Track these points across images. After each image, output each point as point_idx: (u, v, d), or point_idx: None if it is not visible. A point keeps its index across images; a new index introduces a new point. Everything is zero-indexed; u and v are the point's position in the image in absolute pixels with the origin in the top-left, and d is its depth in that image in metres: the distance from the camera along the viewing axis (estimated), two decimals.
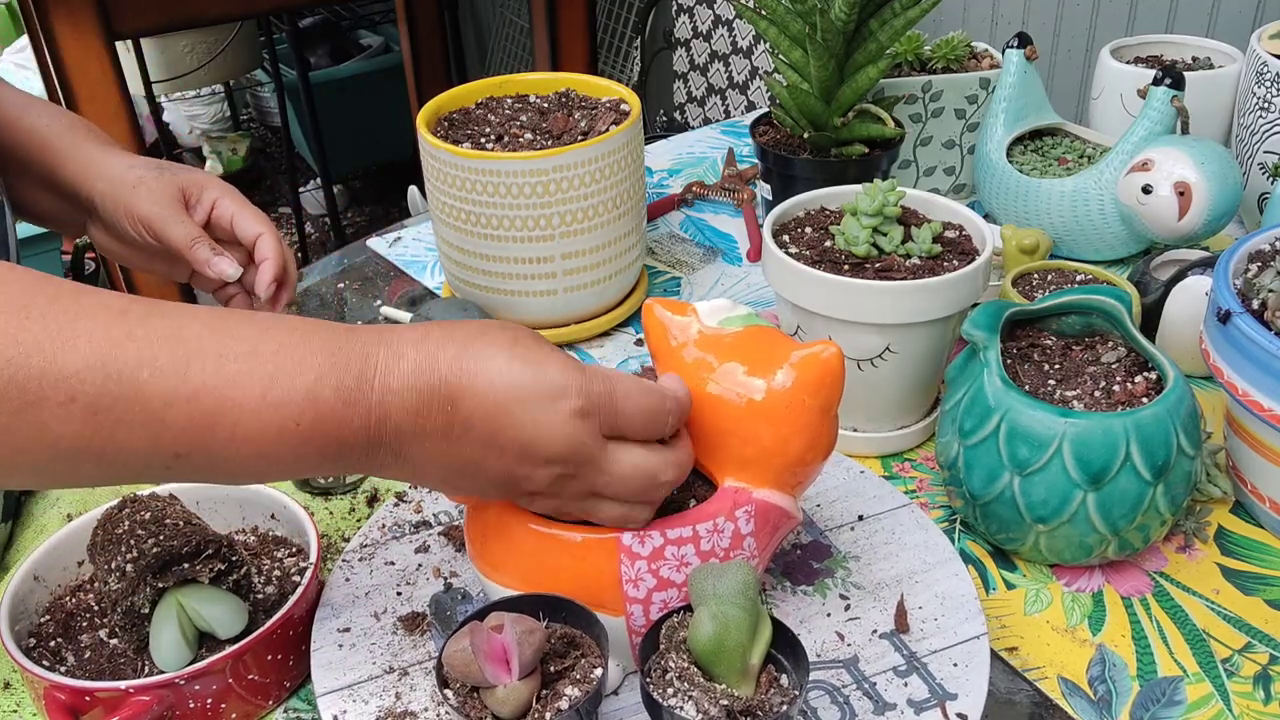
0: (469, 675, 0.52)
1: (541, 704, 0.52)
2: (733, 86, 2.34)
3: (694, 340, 0.60)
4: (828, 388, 0.57)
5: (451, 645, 0.52)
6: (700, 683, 0.51)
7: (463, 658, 0.51)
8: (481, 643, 0.51)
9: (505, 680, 0.52)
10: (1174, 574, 0.70)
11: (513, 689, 0.52)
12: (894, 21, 0.93)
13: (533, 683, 0.52)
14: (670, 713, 0.50)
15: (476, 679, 0.52)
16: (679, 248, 1.11)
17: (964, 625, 0.64)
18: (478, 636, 0.51)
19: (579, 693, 0.52)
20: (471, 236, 0.89)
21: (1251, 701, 0.62)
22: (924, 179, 1.12)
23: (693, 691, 0.51)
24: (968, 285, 0.74)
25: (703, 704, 0.50)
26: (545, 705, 0.52)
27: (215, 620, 0.61)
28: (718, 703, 0.50)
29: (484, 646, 0.51)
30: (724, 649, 0.51)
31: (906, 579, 0.67)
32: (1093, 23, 1.56)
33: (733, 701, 0.50)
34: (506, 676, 0.52)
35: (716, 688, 0.51)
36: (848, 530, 0.71)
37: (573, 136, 0.90)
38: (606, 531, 0.57)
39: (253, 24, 2.97)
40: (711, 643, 0.51)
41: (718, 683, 0.51)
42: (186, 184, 0.78)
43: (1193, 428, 0.66)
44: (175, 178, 0.78)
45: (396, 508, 0.74)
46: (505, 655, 0.52)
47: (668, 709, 0.51)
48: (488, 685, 0.52)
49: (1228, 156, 0.91)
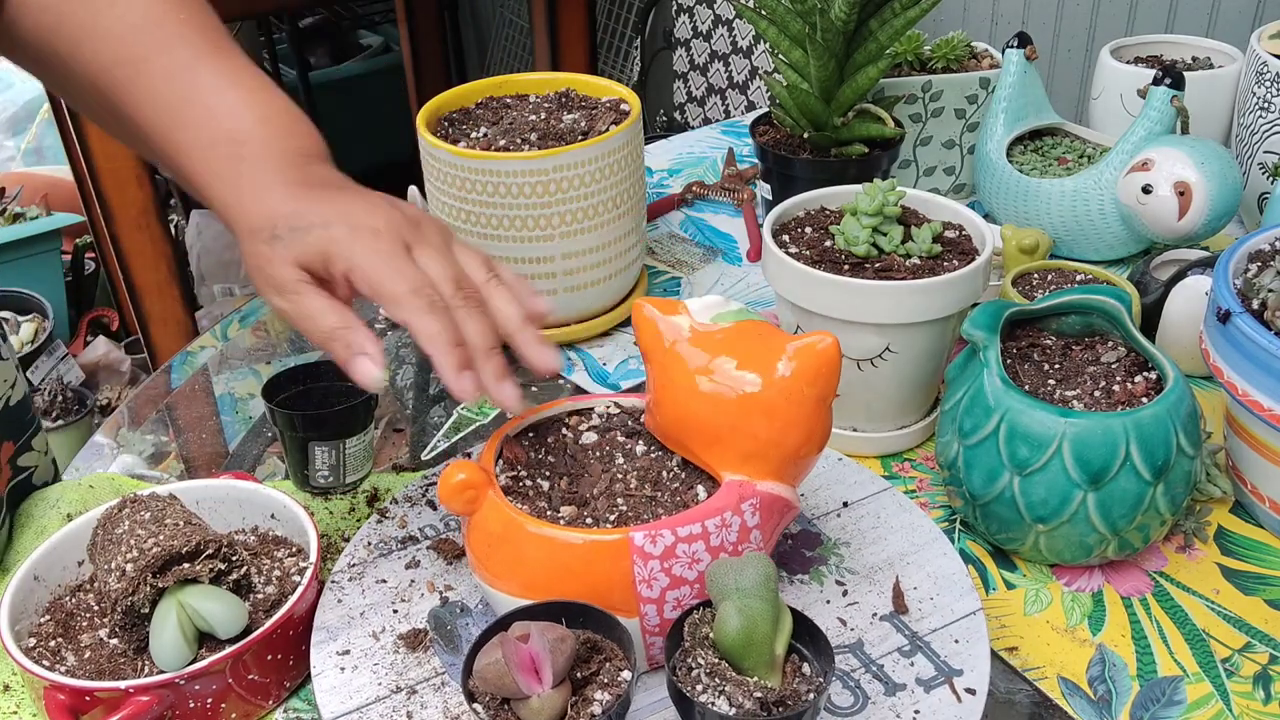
0: (501, 688, 0.51)
1: (575, 711, 0.52)
2: (733, 86, 2.34)
3: (686, 337, 0.61)
4: (825, 377, 0.58)
5: (481, 658, 0.52)
6: (732, 677, 0.51)
7: (495, 670, 0.51)
8: (512, 653, 0.51)
9: (538, 690, 0.51)
10: (1174, 574, 0.70)
11: (546, 698, 0.51)
12: (894, 21, 0.93)
13: (565, 690, 0.52)
14: (703, 709, 0.50)
15: (509, 691, 0.51)
16: (679, 248, 1.11)
17: (959, 602, 0.65)
18: (508, 648, 0.51)
19: (609, 697, 0.52)
20: (471, 236, 0.89)
21: (1251, 701, 0.62)
22: (924, 179, 1.12)
23: (725, 686, 0.51)
24: (968, 285, 0.74)
25: (736, 698, 0.51)
26: (579, 712, 0.52)
27: (215, 620, 0.61)
28: (751, 695, 0.51)
29: (515, 657, 0.51)
30: (753, 642, 0.52)
31: (898, 561, 0.68)
32: (1093, 23, 1.56)
33: (765, 693, 0.51)
34: (539, 686, 0.51)
35: (748, 681, 0.51)
36: (834, 517, 0.72)
37: (573, 136, 0.90)
38: (616, 533, 0.57)
39: (253, 24, 2.97)
40: (740, 636, 0.51)
41: (747, 676, 0.52)
42: (309, 257, 0.58)
43: (1192, 428, 0.66)
44: (290, 252, 0.58)
45: (380, 524, 0.72)
46: (535, 665, 0.51)
47: (700, 705, 0.51)
48: (521, 696, 0.52)
49: (1228, 156, 0.91)
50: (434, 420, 0.88)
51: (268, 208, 0.59)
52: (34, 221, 2.07)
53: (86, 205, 1.87)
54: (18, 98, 2.71)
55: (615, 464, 0.63)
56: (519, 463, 0.64)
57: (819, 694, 0.52)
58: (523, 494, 0.62)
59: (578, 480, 0.63)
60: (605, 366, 0.93)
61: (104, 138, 1.60)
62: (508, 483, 0.62)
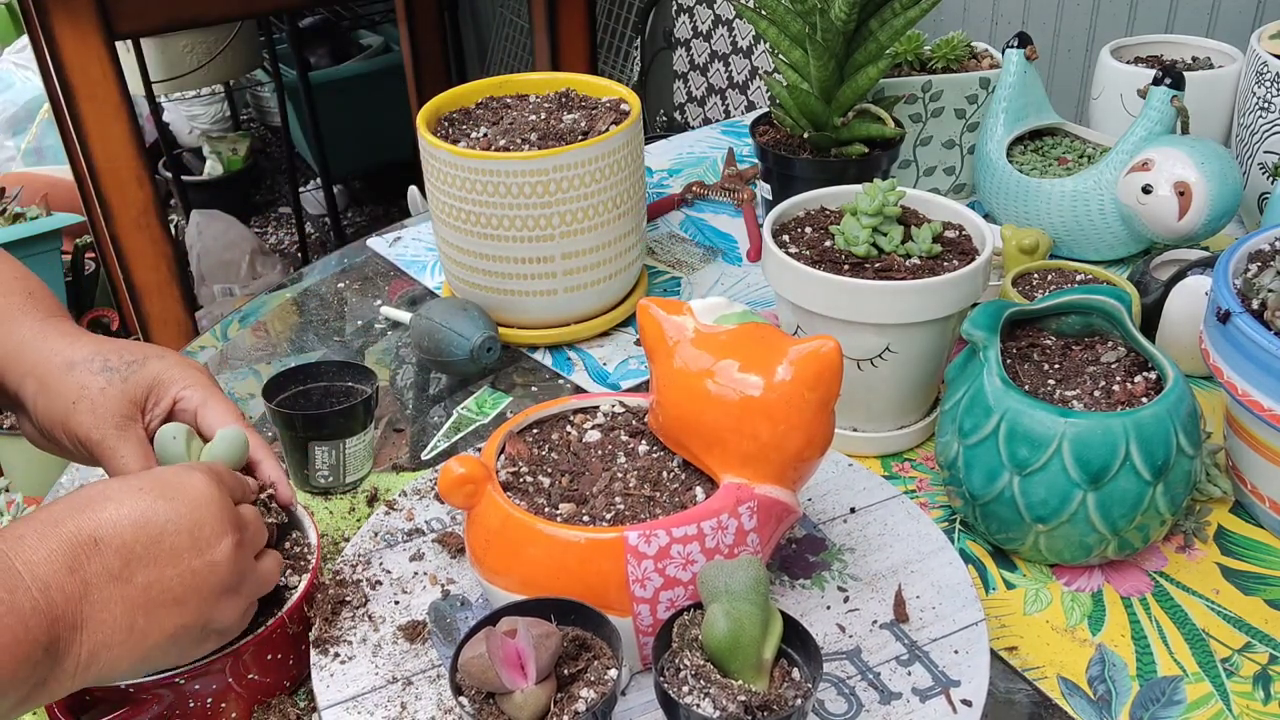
0: (485, 681, 0.52)
1: (559, 707, 0.52)
2: (733, 86, 2.34)
3: (690, 339, 0.61)
4: (826, 382, 0.58)
5: (467, 652, 0.52)
6: (717, 679, 0.51)
7: (479, 664, 0.51)
8: (497, 648, 0.51)
9: (522, 685, 0.52)
10: (1174, 574, 0.70)
11: (530, 693, 0.52)
12: (894, 21, 0.93)
13: (549, 687, 0.52)
14: (688, 710, 0.51)
15: (493, 685, 0.52)
16: (679, 248, 1.11)
17: (961, 613, 0.64)
18: (493, 642, 0.51)
19: (594, 695, 0.52)
20: (471, 236, 0.89)
21: (1251, 701, 0.62)
22: (924, 179, 1.12)
23: (709, 689, 0.51)
24: (968, 285, 0.74)
25: (720, 700, 0.51)
26: (562, 709, 0.52)
27: (217, 453, 0.63)
28: (735, 699, 0.51)
29: (499, 652, 0.51)
30: (739, 645, 0.51)
31: (902, 569, 0.68)
32: (1093, 23, 1.56)
33: (750, 697, 0.51)
34: (523, 681, 0.52)
35: (733, 684, 0.51)
36: (840, 523, 0.72)
37: (573, 136, 0.90)
38: (611, 531, 0.57)
39: (253, 24, 2.97)
40: (727, 639, 0.51)
41: (733, 679, 0.52)
42: (141, 389, 0.63)
43: (1192, 428, 0.66)
44: (126, 385, 0.63)
45: (388, 516, 0.73)
46: (520, 660, 0.52)
47: (684, 707, 0.51)
48: (505, 691, 0.52)
49: (1228, 156, 0.91)
50: (434, 420, 0.88)
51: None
52: (34, 221, 2.06)
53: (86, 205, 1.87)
54: (18, 98, 2.70)
55: (616, 463, 0.64)
56: (521, 458, 0.64)
57: (805, 699, 0.52)
58: (523, 490, 0.62)
59: (578, 478, 0.63)
60: (605, 366, 0.93)
61: (104, 138, 1.60)
62: (508, 478, 0.62)
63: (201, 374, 0.66)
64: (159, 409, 0.64)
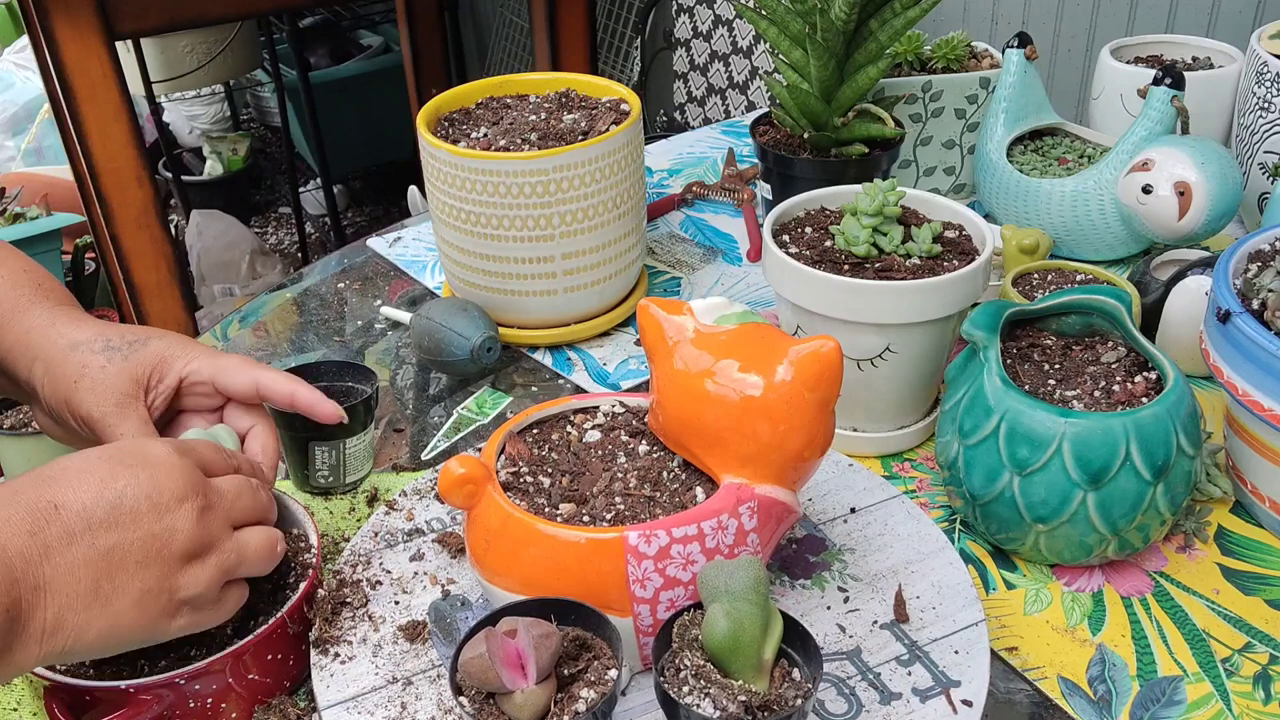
0: (485, 681, 0.52)
1: (559, 707, 0.52)
2: (733, 86, 2.34)
3: (690, 339, 0.61)
4: (826, 382, 0.58)
5: (467, 652, 0.52)
6: (717, 679, 0.51)
7: (479, 664, 0.51)
8: (497, 648, 0.51)
9: (522, 685, 0.52)
10: (1174, 574, 0.70)
11: (530, 693, 0.52)
12: (894, 21, 0.93)
13: (550, 687, 0.52)
14: (688, 710, 0.51)
15: (493, 685, 0.52)
16: (679, 248, 1.11)
17: (962, 613, 0.65)
18: (493, 642, 0.51)
19: (595, 695, 0.52)
20: (471, 236, 0.89)
21: (1251, 701, 0.62)
22: (924, 179, 1.12)
23: (710, 689, 0.51)
24: (968, 285, 0.74)
25: (720, 701, 0.51)
26: (563, 709, 0.52)
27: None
28: (735, 699, 0.51)
29: (499, 652, 0.51)
30: (739, 645, 0.51)
31: (902, 569, 0.68)
32: (1093, 23, 1.56)
33: (750, 697, 0.51)
34: (523, 681, 0.52)
35: (733, 684, 0.51)
36: (841, 523, 0.72)
37: (573, 136, 0.90)
38: (611, 532, 0.57)
39: (253, 24, 2.97)
40: (727, 639, 0.51)
41: (733, 679, 0.52)
42: (143, 368, 0.64)
43: (1193, 428, 0.66)
44: (128, 363, 0.64)
45: (388, 516, 0.73)
46: (521, 660, 0.52)
47: (685, 707, 0.51)
48: (505, 691, 0.52)
49: (1228, 156, 0.91)
50: (434, 420, 0.88)
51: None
52: (34, 221, 2.06)
53: (86, 205, 1.87)
54: (18, 98, 2.71)
55: (616, 463, 0.64)
56: (521, 458, 0.64)
57: (805, 699, 0.52)
58: (523, 490, 0.62)
59: (578, 478, 0.63)
60: (605, 366, 0.93)
61: (104, 138, 1.60)
62: (508, 478, 0.62)
63: (203, 348, 0.67)
64: (162, 386, 0.65)
